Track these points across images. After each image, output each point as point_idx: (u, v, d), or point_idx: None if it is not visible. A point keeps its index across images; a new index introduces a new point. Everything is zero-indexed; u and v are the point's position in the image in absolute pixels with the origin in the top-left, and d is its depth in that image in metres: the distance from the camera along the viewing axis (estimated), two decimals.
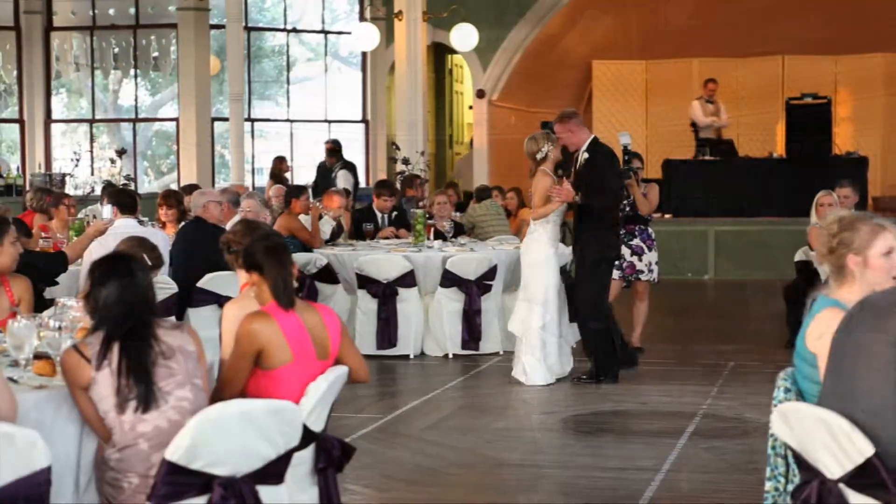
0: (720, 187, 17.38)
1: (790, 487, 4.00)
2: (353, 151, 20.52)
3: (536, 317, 8.90)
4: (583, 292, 9.00)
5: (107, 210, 8.23)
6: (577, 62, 22.55)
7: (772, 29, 21.03)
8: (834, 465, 3.58)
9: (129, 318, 4.16)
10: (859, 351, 3.65)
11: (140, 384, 4.06)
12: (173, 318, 4.52)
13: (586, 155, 8.98)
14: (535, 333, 8.88)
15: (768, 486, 4.13)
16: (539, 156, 8.95)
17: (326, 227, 11.39)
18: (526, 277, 9.08)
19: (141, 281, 4.25)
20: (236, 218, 9.86)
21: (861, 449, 3.49)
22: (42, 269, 6.71)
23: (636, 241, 10.15)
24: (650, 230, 10.24)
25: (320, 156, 17.85)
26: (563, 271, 10.57)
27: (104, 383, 4.07)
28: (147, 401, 4.05)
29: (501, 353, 10.08)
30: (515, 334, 9.07)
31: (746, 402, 8.25)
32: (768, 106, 21.20)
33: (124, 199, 8.97)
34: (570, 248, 9.58)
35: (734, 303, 14.24)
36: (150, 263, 5.71)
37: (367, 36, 17.62)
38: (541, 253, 8.99)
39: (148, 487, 3.98)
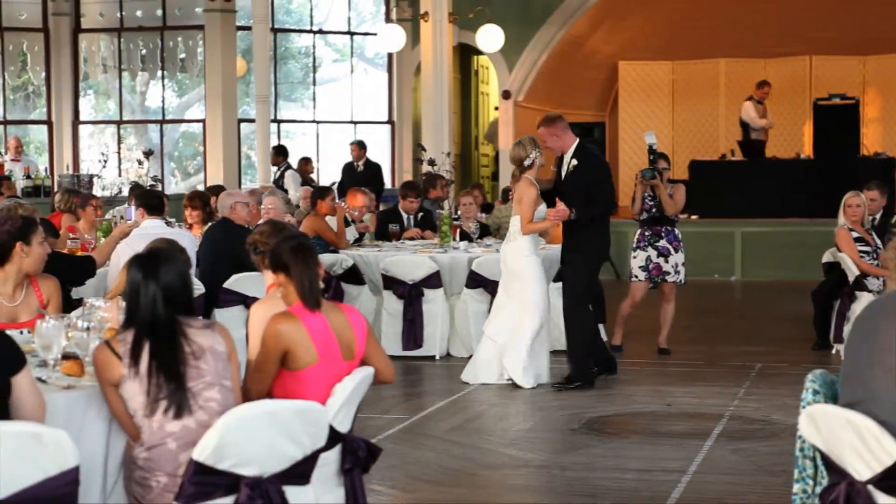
0: (747, 188, 17.30)
1: (818, 489, 3.98)
2: (379, 153, 20.55)
3: (527, 325, 8.81)
4: (567, 297, 8.88)
5: (131, 211, 8.20)
6: (604, 63, 22.52)
7: (799, 29, 20.94)
8: (862, 467, 3.56)
9: (160, 315, 4.17)
10: (874, 355, 3.64)
11: (170, 385, 4.06)
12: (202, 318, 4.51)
13: (574, 161, 8.83)
14: (526, 341, 8.80)
15: (796, 488, 4.11)
16: (526, 162, 8.81)
17: (349, 235, 11.42)
18: (509, 285, 8.95)
19: (175, 279, 4.25)
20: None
21: (889, 451, 3.47)
22: (70, 273, 6.72)
23: (662, 243, 10.12)
24: (677, 231, 10.20)
25: (346, 157, 17.89)
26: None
27: (134, 382, 4.09)
28: (180, 405, 4.05)
29: None
30: (495, 340, 8.93)
31: (773, 403, 8.21)
32: (795, 107, 21.12)
33: (151, 200, 9.01)
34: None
35: (761, 304, 14.17)
36: None
37: (393, 37, 17.62)
38: (524, 261, 8.89)
39: (176, 486, 3.99)
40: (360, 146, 17.68)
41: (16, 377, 3.84)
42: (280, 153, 17.22)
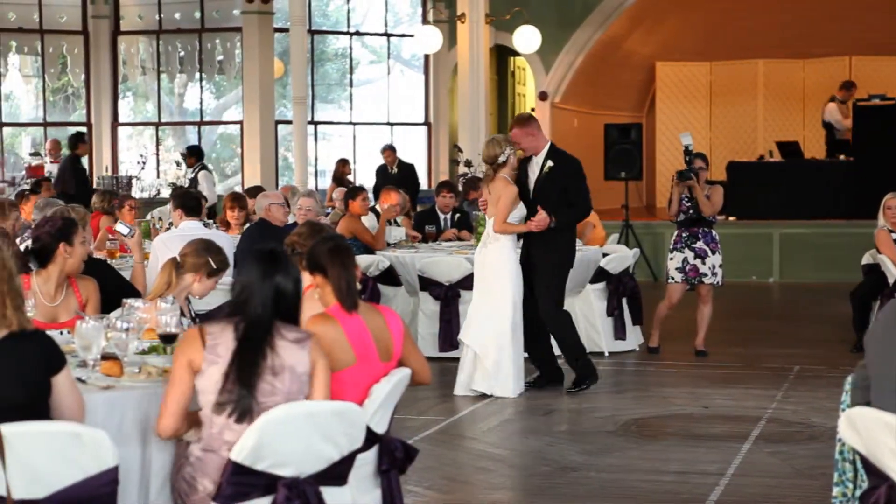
0: (785, 189, 17.18)
1: (858, 493, 3.96)
2: (416, 154, 20.58)
3: (506, 325, 8.57)
4: (545, 302, 8.66)
5: (122, 226, 7.92)
6: (641, 64, 22.45)
7: (839, 29, 20.80)
8: None
9: (262, 317, 4.11)
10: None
11: (241, 390, 4.05)
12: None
13: (550, 163, 8.62)
14: (509, 342, 8.58)
15: (836, 491, 4.09)
16: (501, 159, 8.55)
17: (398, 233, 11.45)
18: (489, 285, 8.68)
19: (289, 284, 4.19)
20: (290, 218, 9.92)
21: None
22: (111, 290, 6.65)
23: (699, 244, 10.07)
24: (714, 233, 10.14)
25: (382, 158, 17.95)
26: (627, 273, 10.53)
27: (211, 377, 4.07)
28: (244, 412, 4.04)
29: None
30: (471, 346, 8.67)
31: (812, 406, 8.16)
32: None
33: (189, 201, 9.05)
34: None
35: (799, 306, 14.09)
36: (215, 266, 5.75)
37: (430, 38, 17.65)
38: (506, 260, 8.64)
39: None
40: (392, 150, 17.74)
41: (56, 377, 3.87)
42: (192, 154, 16.85)
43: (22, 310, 3.90)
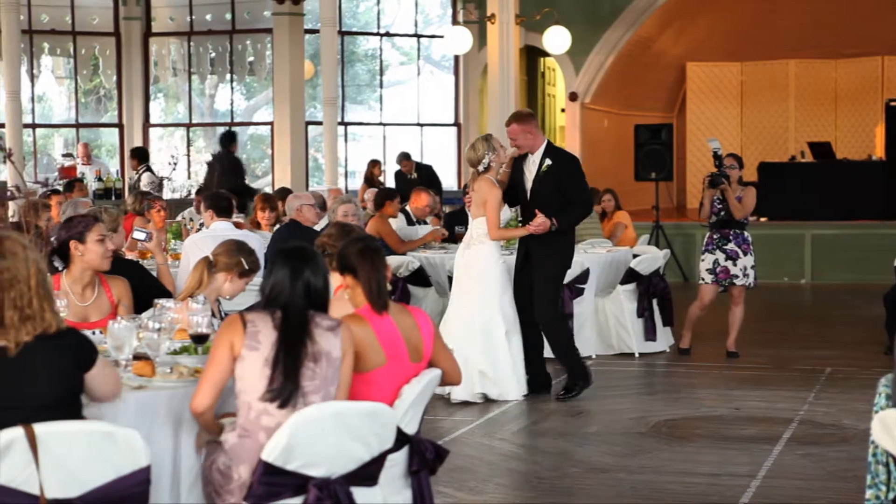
0: (817, 190, 17.09)
1: (891, 496, 3.93)
2: (445, 155, 20.58)
3: (499, 332, 8.40)
4: (543, 305, 8.50)
5: (139, 232, 7.90)
6: (672, 64, 22.39)
7: (870, 29, 20.68)
8: None
9: (297, 309, 4.17)
10: None
11: (286, 381, 4.08)
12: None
13: (548, 161, 8.46)
14: (503, 344, 8.43)
15: (869, 494, 4.06)
16: (480, 167, 8.43)
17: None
18: (473, 289, 8.48)
19: (319, 280, 4.25)
20: (324, 221, 9.94)
21: None
22: (142, 291, 6.68)
23: (730, 246, 10.02)
24: (746, 234, 10.10)
25: (414, 159, 17.96)
26: (658, 274, 10.50)
27: (252, 363, 4.10)
28: (287, 399, 4.07)
29: (594, 356, 9.99)
30: (457, 351, 8.40)
31: (845, 408, 8.11)
32: (867, 107, 20.86)
33: (220, 202, 9.08)
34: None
35: (831, 307, 14.01)
36: (247, 267, 5.77)
37: (460, 39, 17.65)
38: (492, 262, 8.50)
39: None
40: (408, 158, 17.75)
41: (89, 373, 3.88)
42: (135, 156, 16.69)
43: (55, 310, 3.92)
